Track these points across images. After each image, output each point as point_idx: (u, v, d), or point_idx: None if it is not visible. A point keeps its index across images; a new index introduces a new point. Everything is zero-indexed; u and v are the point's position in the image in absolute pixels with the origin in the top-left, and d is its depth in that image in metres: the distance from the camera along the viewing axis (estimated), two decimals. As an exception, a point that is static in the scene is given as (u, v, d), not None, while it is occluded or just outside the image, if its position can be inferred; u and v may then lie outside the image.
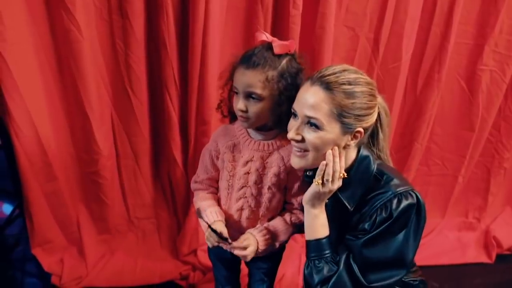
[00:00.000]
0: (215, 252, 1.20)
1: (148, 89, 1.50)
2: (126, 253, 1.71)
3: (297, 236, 1.75)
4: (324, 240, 0.89)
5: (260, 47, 0.89)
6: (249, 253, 0.97)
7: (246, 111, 0.90)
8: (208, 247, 1.23)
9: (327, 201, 0.90)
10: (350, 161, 0.88)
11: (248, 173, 0.99)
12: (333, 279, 0.86)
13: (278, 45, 0.88)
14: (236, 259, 1.18)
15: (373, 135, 0.90)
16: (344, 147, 0.85)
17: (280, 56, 0.88)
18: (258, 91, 0.87)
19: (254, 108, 0.90)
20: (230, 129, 1.04)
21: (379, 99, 0.86)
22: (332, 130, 0.81)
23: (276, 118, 0.92)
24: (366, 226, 0.85)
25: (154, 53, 1.44)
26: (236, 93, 0.92)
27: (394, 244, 0.83)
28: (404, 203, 0.82)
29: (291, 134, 0.84)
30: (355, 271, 0.85)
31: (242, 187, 1.00)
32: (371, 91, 0.81)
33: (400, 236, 0.83)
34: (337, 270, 0.86)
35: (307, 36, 1.44)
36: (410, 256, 0.85)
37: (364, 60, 1.59)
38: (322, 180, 0.84)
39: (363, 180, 0.87)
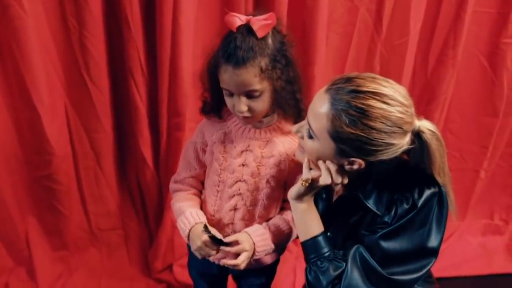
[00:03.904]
0: (198, 267, 1.22)
1: (109, 75, 1.51)
2: (87, 272, 1.71)
3: (290, 245, 1.79)
4: (320, 237, 0.94)
5: (239, 35, 0.89)
6: (243, 261, 0.99)
7: (248, 110, 0.94)
8: (189, 262, 1.27)
9: (322, 195, 0.96)
10: (360, 171, 0.92)
11: (243, 165, 1.02)
12: (344, 277, 0.90)
13: (260, 28, 0.89)
14: (223, 275, 1.22)
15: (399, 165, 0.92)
16: (342, 168, 0.90)
17: (265, 37, 0.90)
18: (257, 86, 0.91)
19: (257, 105, 0.94)
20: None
21: (426, 133, 0.84)
22: (324, 146, 0.86)
23: (278, 104, 0.97)
24: (385, 219, 0.89)
25: (115, 31, 1.44)
26: (229, 94, 0.95)
27: (416, 235, 0.88)
28: (427, 192, 0.87)
29: (294, 128, 0.93)
30: (369, 262, 0.89)
31: (236, 181, 1.03)
32: (389, 129, 0.80)
33: (423, 227, 0.88)
34: (345, 266, 0.91)
35: (296, 8, 1.46)
36: (436, 244, 0.89)
37: (365, 36, 1.61)
38: (309, 182, 0.91)
39: (387, 181, 0.91)
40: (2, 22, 1.31)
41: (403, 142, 0.83)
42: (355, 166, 0.87)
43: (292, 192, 0.95)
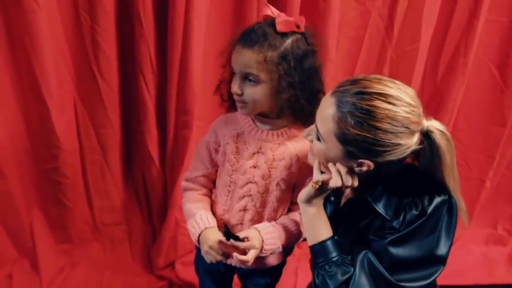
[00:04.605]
0: (205, 264, 1.21)
1: (119, 71, 1.51)
2: (90, 266, 1.72)
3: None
4: (328, 241, 0.94)
5: (262, 22, 0.92)
6: (252, 257, 0.99)
7: (241, 95, 0.94)
8: (196, 258, 1.28)
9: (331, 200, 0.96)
10: (370, 174, 0.92)
11: (254, 166, 1.03)
12: (351, 282, 0.90)
13: (281, 22, 0.90)
14: (229, 273, 1.22)
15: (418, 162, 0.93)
16: (352, 170, 0.90)
17: (284, 35, 0.91)
18: (254, 71, 0.91)
19: (250, 91, 0.94)
20: (233, 118, 1.07)
21: (435, 133, 0.84)
22: (332, 149, 0.87)
23: (276, 107, 0.97)
24: (394, 224, 0.89)
25: (126, 27, 1.45)
26: (234, 73, 0.96)
27: (425, 242, 0.88)
28: (437, 199, 0.87)
29: (304, 132, 0.94)
30: (377, 268, 0.90)
31: (247, 183, 1.04)
32: (396, 129, 0.80)
33: (432, 234, 0.88)
34: (353, 271, 0.91)
35: (309, 11, 1.46)
36: (444, 252, 0.90)
37: (376, 41, 1.61)
38: (320, 185, 0.91)
39: (397, 185, 0.92)
40: (15, 14, 1.32)
41: (411, 142, 0.83)
42: (364, 168, 0.86)
43: (302, 195, 0.95)
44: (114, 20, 1.42)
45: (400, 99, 0.81)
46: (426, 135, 0.84)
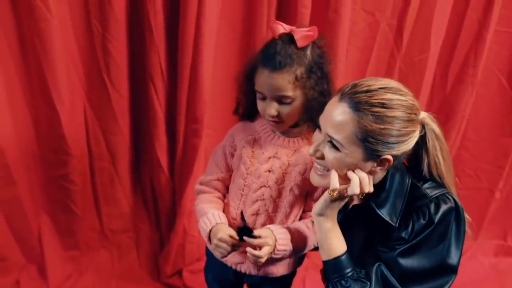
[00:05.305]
0: (215, 272, 1.23)
1: (129, 79, 1.52)
2: (97, 273, 1.71)
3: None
4: (343, 257, 0.93)
5: (280, 42, 0.93)
6: (265, 254, 0.98)
7: (277, 115, 0.96)
8: (206, 266, 1.28)
9: (343, 208, 0.95)
10: (378, 180, 0.93)
11: (269, 171, 1.04)
12: None
13: (301, 38, 0.92)
14: (239, 282, 1.21)
15: (417, 162, 0.94)
16: (370, 173, 0.90)
17: (304, 48, 0.93)
18: (290, 93, 0.93)
19: (287, 110, 0.96)
20: (250, 125, 1.09)
21: (426, 119, 0.89)
22: (352, 154, 0.86)
23: (307, 115, 0.98)
24: (403, 234, 0.89)
25: (137, 36, 1.46)
26: (262, 98, 0.97)
27: (435, 252, 0.88)
28: (443, 207, 0.88)
29: (310, 150, 0.91)
30: (390, 280, 0.89)
31: (261, 187, 1.04)
32: (409, 116, 0.84)
33: (441, 243, 0.88)
34: (370, 285, 0.90)
35: (319, 21, 1.46)
36: (455, 261, 0.90)
37: (385, 51, 1.61)
38: (336, 193, 0.90)
39: (401, 191, 0.92)
40: (28, 22, 1.34)
41: (418, 130, 0.87)
42: (385, 165, 0.87)
43: (317, 207, 0.93)
44: (125, 29, 1.43)
45: (402, 90, 0.84)
46: (421, 123, 0.88)
